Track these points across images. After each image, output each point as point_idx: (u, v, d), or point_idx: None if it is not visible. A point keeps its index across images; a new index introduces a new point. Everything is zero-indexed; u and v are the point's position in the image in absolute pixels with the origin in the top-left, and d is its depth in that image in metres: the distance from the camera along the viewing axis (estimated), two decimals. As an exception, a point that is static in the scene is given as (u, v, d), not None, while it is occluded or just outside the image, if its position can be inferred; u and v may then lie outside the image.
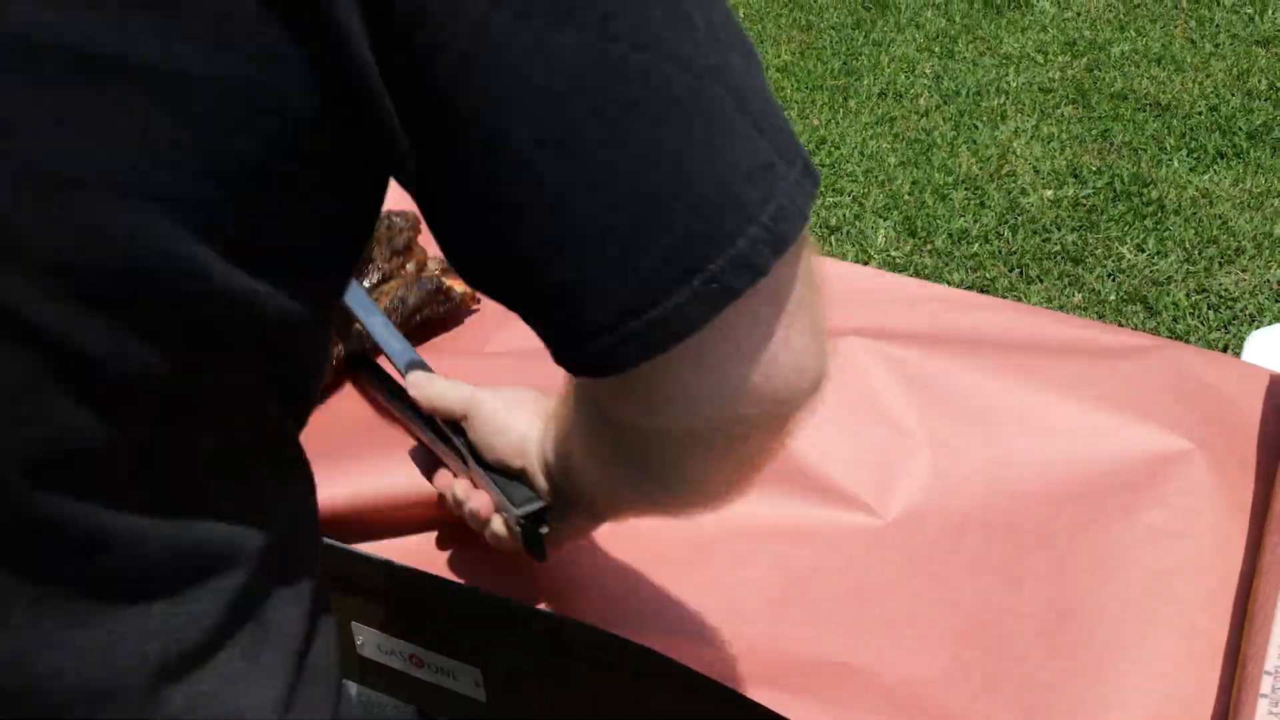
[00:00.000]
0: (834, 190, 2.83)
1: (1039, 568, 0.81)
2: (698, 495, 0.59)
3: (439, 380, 0.82)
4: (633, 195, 0.42)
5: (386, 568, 0.83)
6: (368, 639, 0.89)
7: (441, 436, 0.83)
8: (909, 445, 0.91)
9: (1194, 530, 0.81)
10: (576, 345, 0.46)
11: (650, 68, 0.41)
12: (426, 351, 0.99)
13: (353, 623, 0.89)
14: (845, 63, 3.42)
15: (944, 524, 0.86)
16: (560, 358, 0.48)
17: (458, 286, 1.11)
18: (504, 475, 0.77)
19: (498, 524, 0.77)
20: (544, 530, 0.75)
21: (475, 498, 0.77)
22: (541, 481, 0.75)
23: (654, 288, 0.43)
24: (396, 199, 1.27)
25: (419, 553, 0.86)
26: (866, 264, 2.57)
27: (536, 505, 0.74)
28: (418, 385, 0.83)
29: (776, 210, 0.44)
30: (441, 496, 0.82)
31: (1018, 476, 0.88)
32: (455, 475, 0.82)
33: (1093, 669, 0.74)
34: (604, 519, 0.75)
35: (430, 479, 0.85)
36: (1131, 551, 0.80)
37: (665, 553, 0.85)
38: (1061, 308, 2.40)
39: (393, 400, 0.92)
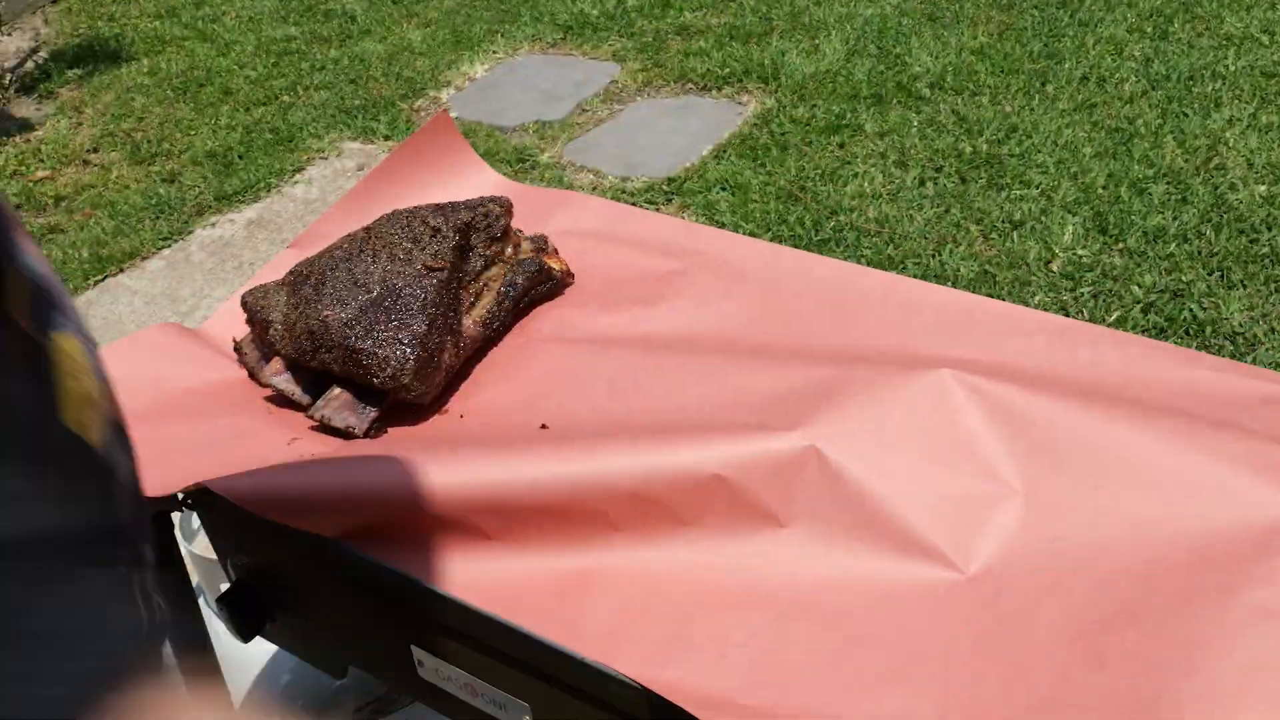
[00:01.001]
0: (1020, 182, 2.68)
1: (1127, 645, 0.73)
2: None
3: None
4: None
5: (440, 599, 0.82)
6: (427, 662, 0.88)
7: None
8: (1000, 494, 0.83)
9: (1305, 617, 0.71)
10: None
11: None
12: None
13: (411, 645, 0.88)
14: (1046, 45, 3.24)
15: (1028, 585, 0.78)
16: None
17: (556, 265, 1.11)
18: None
19: None
20: None
21: None
22: None
23: None
24: (484, 186, 1.26)
25: (475, 585, 0.84)
26: (1050, 262, 2.43)
27: None
28: None
29: None
30: None
31: (1118, 538, 0.80)
32: None
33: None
34: None
35: None
36: (1227, 637, 0.71)
37: (717, 596, 0.81)
38: (1264, 316, 2.22)
39: None
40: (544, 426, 0.95)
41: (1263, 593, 0.73)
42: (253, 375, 1.07)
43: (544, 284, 1.11)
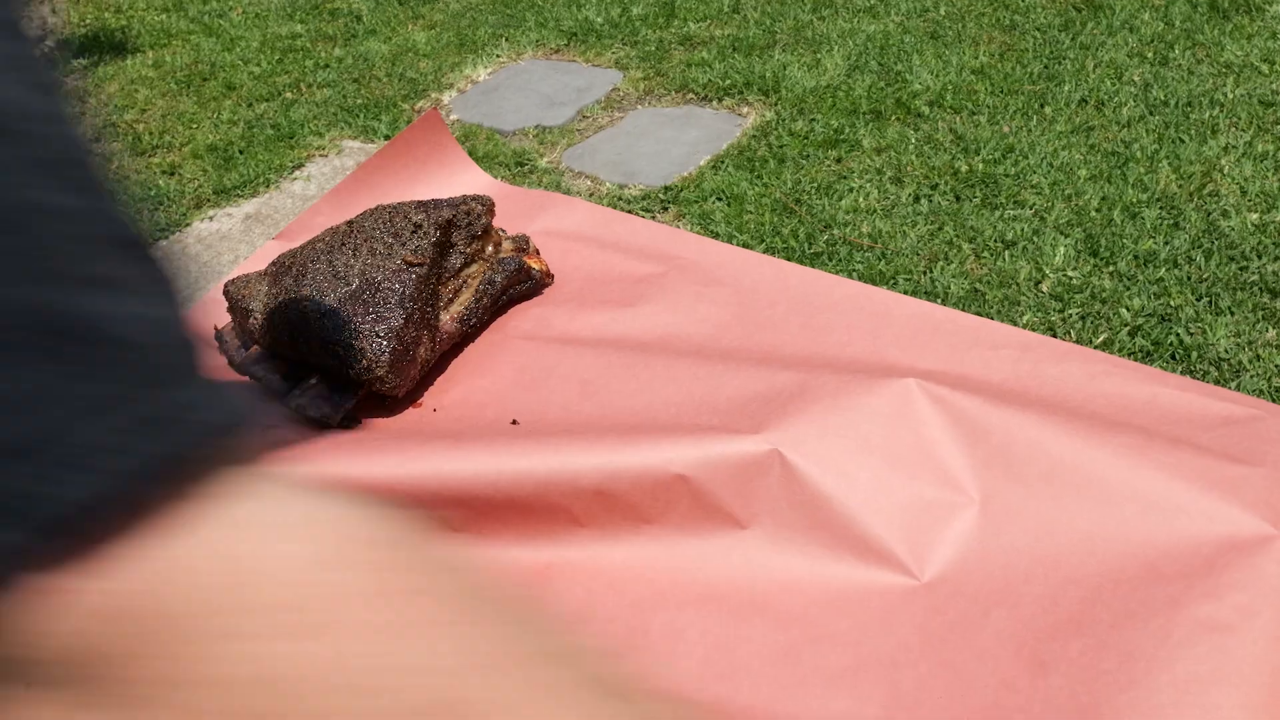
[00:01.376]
0: (1015, 203, 2.70)
1: (1071, 655, 0.74)
2: None
3: None
4: None
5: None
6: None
7: None
8: (958, 502, 0.85)
9: (1246, 631, 0.72)
10: None
11: None
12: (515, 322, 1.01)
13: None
14: (1046, 66, 3.26)
15: (979, 593, 0.80)
16: None
17: (535, 265, 1.12)
18: None
19: None
20: None
21: None
22: None
23: None
24: (470, 185, 1.27)
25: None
26: (1040, 283, 2.44)
27: None
28: None
29: None
30: None
31: (1069, 549, 0.81)
32: None
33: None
34: None
35: None
36: (1170, 650, 0.72)
37: (675, 594, 0.82)
38: (1250, 344, 2.23)
39: None
40: (514, 422, 0.96)
41: (1208, 607, 0.74)
42: (231, 363, 1.08)
43: (523, 283, 1.12)
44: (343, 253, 1.05)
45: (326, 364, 0.99)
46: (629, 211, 2.94)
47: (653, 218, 2.87)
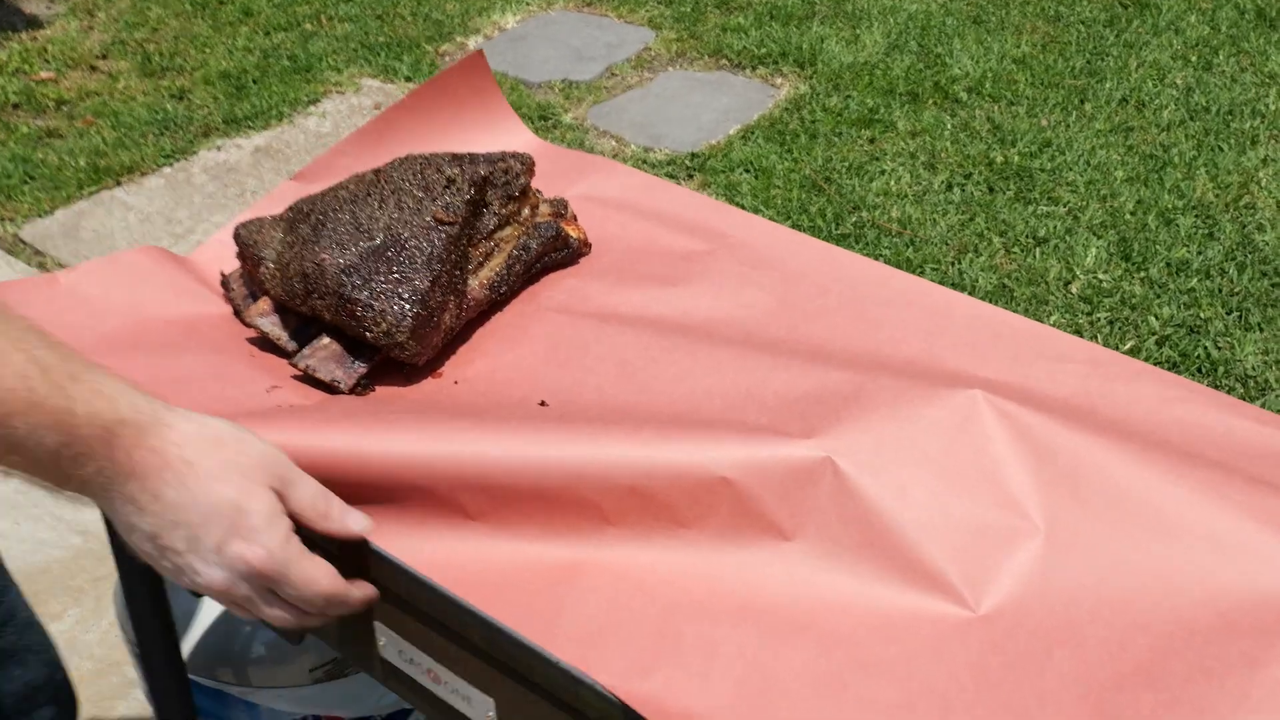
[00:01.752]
0: (1049, 198, 2.62)
1: (1141, 710, 0.68)
2: None
3: None
4: None
5: (410, 578, 0.76)
6: (389, 641, 0.83)
7: None
8: (1021, 529, 0.78)
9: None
10: None
11: None
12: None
13: (375, 621, 0.83)
14: (1089, 61, 3.17)
15: (1041, 631, 0.73)
16: None
17: (573, 232, 1.05)
18: None
19: None
20: None
21: None
22: None
23: None
24: (509, 141, 1.19)
25: (446, 565, 0.78)
26: (1070, 283, 2.37)
27: None
28: None
29: None
30: None
31: (1138, 590, 0.74)
32: None
33: None
34: None
35: None
36: (1245, 713, 0.66)
37: (709, 605, 0.75)
38: (1278, 362, 2.16)
39: None
40: (543, 403, 0.89)
41: (1290, 670, 0.68)
42: (238, 313, 1.01)
43: (559, 251, 1.05)
44: (368, 204, 0.97)
45: (342, 323, 0.92)
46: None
47: (677, 184, 2.80)
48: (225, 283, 1.04)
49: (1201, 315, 2.28)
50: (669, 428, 0.82)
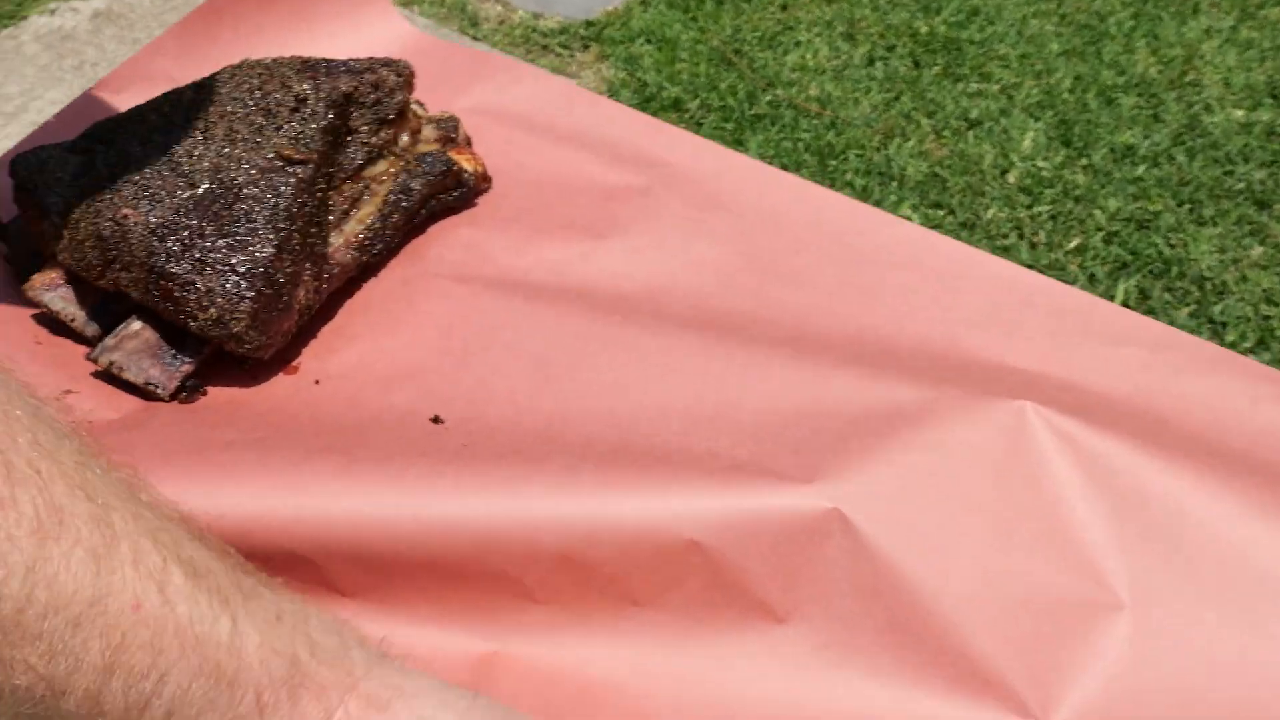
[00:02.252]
0: (980, 75, 2.40)
1: None
2: None
3: None
4: None
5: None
6: None
7: None
8: (1100, 604, 0.57)
9: None
10: None
11: None
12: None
13: None
14: (1016, -81, 2.93)
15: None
16: None
17: (467, 164, 0.80)
18: None
19: None
20: None
21: None
22: None
23: None
24: (379, 46, 0.91)
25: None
26: (1006, 173, 2.17)
27: None
28: None
29: None
30: None
31: (1250, 695, 0.55)
32: None
33: None
34: None
35: None
36: None
37: (672, 716, 0.54)
38: (1236, 262, 2.00)
39: None
40: (437, 419, 0.65)
41: None
42: (19, 282, 0.74)
43: (450, 192, 0.79)
44: (188, 133, 0.71)
45: (156, 305, 0.67)
46: (543, 48, 2.57)
47: (570, 58, 2.51)
48: (4, 233, 0.77)
49: (1150, 208, 2.11)
50: (612, 467, 0.59)
